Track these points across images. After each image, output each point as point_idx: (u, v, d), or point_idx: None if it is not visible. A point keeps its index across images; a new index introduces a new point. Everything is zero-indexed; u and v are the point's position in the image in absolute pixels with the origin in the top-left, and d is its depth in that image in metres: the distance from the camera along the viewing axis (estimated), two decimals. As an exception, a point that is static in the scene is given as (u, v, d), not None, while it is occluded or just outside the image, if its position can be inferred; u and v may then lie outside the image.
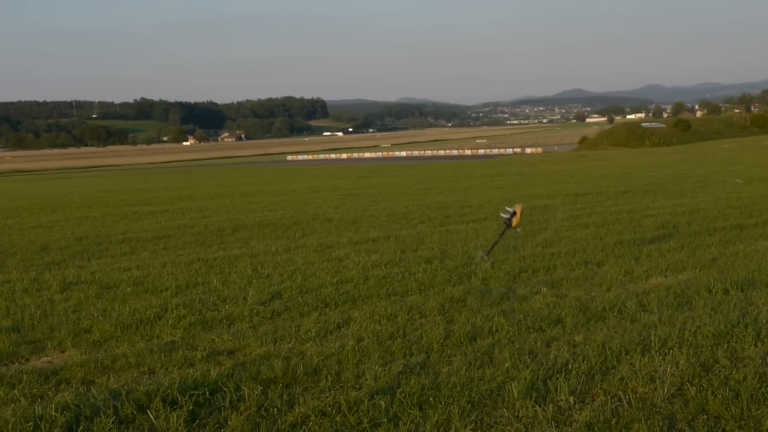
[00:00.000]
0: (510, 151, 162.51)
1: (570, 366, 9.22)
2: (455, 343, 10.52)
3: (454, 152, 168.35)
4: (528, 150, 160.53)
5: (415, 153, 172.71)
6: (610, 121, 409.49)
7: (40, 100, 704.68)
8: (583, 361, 9.34)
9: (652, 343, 9.94)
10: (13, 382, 9.47)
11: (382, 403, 8.24)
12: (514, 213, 16.07)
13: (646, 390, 8.44)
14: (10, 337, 11.87)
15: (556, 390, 8.47)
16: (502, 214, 16.39)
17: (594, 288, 14.06)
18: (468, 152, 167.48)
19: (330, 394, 8.63)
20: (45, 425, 7.96)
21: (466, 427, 7.66)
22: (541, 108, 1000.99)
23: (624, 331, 10.76)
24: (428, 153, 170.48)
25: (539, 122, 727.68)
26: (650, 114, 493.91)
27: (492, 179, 54.34)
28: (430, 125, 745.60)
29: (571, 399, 8.26)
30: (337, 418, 7.98)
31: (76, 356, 10.63)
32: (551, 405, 8.14)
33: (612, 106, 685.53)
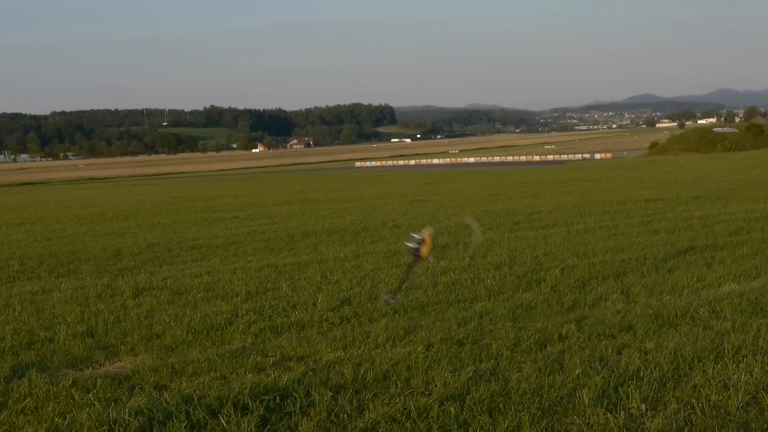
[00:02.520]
0: (579, 156, 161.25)
1: (642, 373, 9.14)
2: (525, 349, 10.48)
3: (523, 158, 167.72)
4: (597, 155, 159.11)
5: (484, 159, 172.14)
6: (681, 126, 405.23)
7: (112, 108, 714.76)
8: (654, 368, 9.26)
9: (726, 351, 9.83)
10: (88, 386, 9.59)
11: (452, 410, 8.22)
12: (423, 240, 12.91)
13: (720, 398, 8.34)
14: (85, 342, 12.02)
15: (627, 397, 8.40)
16: (407, 243, 12.97)
17: (665, 294, 13.91)
18: (536, 158, 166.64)
19: (400, 400, 8.64)
20: (119, 429, 8.06)
21: (536, 433, 7.63)
22: (610, 113, 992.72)
23: (696, 338, 10.64)
24: (496, 159, 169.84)
25: (608, 128, 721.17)
26: (722, 119, 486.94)
27: (561, 185, 53.96)
28: (499, 131, 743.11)
29: (643, 406, 8.18)
30: (407, 425, 7.99)
31: (148, 361, 10.74)
32: (623, 412, 8.07)
33: (683, 110, 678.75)
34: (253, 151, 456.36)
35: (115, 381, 9.81)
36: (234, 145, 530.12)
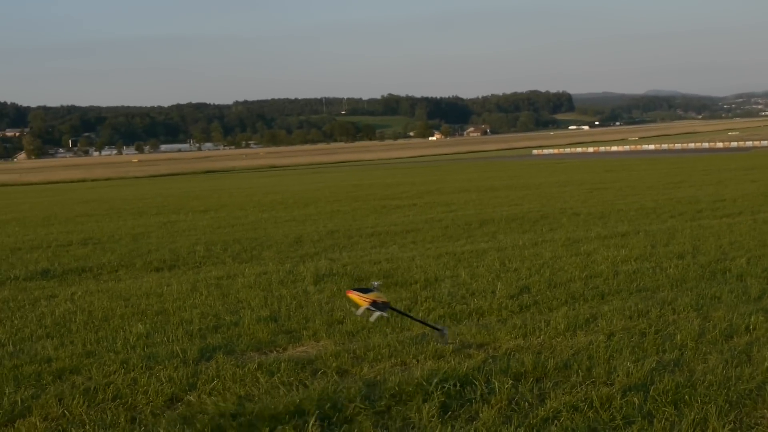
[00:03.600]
0: (765, 143, 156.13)
1: (838, 367, 8.83)
2: (710, 340, 10.25)
3: (705, 145, 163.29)
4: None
5: (664, 146, 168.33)
6: None
7: (292, 97, 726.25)
8: None
9: None
10: (272, 369, 9.81)
11: (636, 400, 8.10)
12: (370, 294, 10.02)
13: None
14: (269, 326, 12.30)
15: (821, 391, 8.12)
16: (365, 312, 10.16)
17: None
18: (720, 145, 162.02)
19: (581, 389, 8.56)
20: (301, 414, 8.21)
21: (724, 427, 7.46)
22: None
23: None
24: (677, 146, 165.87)
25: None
26: None
27: (746, 172, 52.36)
28: (679, 117, 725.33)
29: (837, 402, 7.90)
30: (589, 414, 7.91)
31: (330, 346, 10.91)
32: (817, 407, 7.82)
33: None
34: (430, 138, 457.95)
35: (298, 365, 10.01)
36: (411, 133, 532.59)
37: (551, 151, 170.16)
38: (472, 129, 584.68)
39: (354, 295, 10.06)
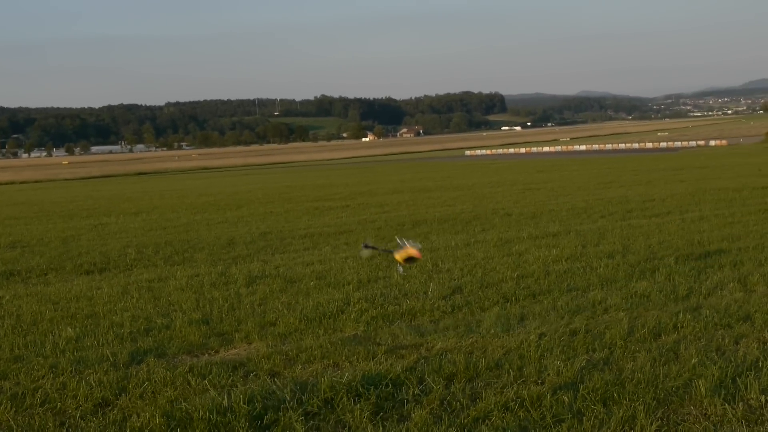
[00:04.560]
0: (693, 143, 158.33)
1: (761, 364, 9.00)
2: (639, 339, 10.38)
3: (635, 145, 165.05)
4: (712, 142, 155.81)
5: (595, 147, 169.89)
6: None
7: (225, 98, 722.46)
8: (774, 359, 9.08)
9: None
10: (203, 372, 9.78)
11: (565, 399, 8.19)
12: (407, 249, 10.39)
13: (843, 389, 8.15)
14: (200, 329, 12.24)
15: (746, 388, 8.27)
16: (399, 240, 10.48)
17: (785, 283, 13.63)
18: (649, 145, 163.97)
19: (512, 388, 8.63)
20: (232, 416, 8.19)
21: (651, 424, 7.56)
22: (725, 99, 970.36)
23: (817, 328, 10.41)
24: (608, 146, 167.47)
25: (724, 114, 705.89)
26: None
27: (675, 173, 53.08)
28: (610, 118, 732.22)
29: (762, 398, 8.05)
30: (520, 413, 7.98)
31: (262, 348, 10.89)
32: (741, 403, 7.96)
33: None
34: (364, 140, 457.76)
35: (230, 367, 9.98)
36: (344, 134, 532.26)
37: (484, 151, 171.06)
38: (405, 130, 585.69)
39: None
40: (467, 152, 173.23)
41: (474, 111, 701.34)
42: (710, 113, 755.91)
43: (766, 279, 14.01)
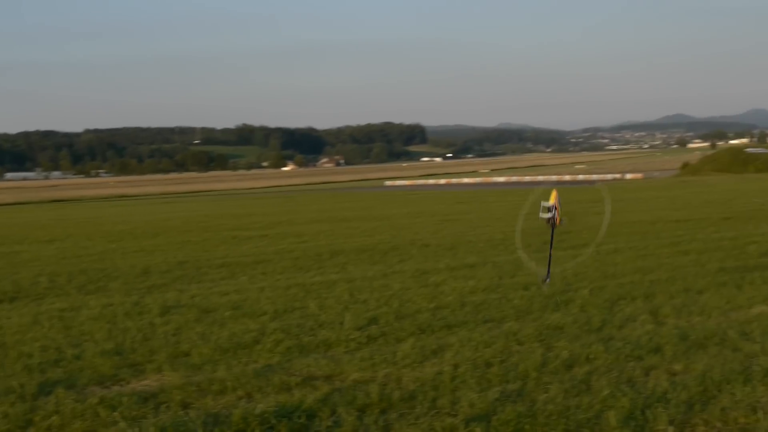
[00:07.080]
0: (609, 176, 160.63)
1: (669, 395, 9.11)
2: (552, 370, 10.45)
3: (553, 178, 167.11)
4: (628, 175, 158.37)
5: (514, 178, 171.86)
6: (713, 146, 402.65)
7: (144, 126, 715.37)
8: (683, 391, 9.22)
9: (755, 374, 9.76)
10: (114, 404, 9.61)
11: (478, 430, 8.21)
12: (554, 207, 13.42)
13: (748, 421, 8.29)
14: (112, 359, 12.06)
15: (655, 419, 8.37)
16: (541, 215, 13.55)
17: (694, 316, 13.87)
18: (567, 177, 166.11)
19: (426, 420, 8.63)
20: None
21: (562, 456, 7.60)
22: (642, 133, 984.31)
23: (725, 360, 10.59)
24: (527, 178, 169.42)
25: (640, 148, 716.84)
26: (755, 139, 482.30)
27: (591, 205, 53.75)
28: (529, 150, 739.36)
29: (671, 429, 8.15)
30: (432, 445, 7.97)
31: (175, 379, 10.75)
32: (650, 435, 8.04)
33: (715, 131, 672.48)
34: (284, 169, 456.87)
35: (141, 399, 9.84)
36: (265, 163, 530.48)
37: (404, 182, 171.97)
38: (326, 160, 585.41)
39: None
40: (387, 182, 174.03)
41: (395, 141, 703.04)
42: (627, 147, 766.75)
43: (677, 311, 14.22)
